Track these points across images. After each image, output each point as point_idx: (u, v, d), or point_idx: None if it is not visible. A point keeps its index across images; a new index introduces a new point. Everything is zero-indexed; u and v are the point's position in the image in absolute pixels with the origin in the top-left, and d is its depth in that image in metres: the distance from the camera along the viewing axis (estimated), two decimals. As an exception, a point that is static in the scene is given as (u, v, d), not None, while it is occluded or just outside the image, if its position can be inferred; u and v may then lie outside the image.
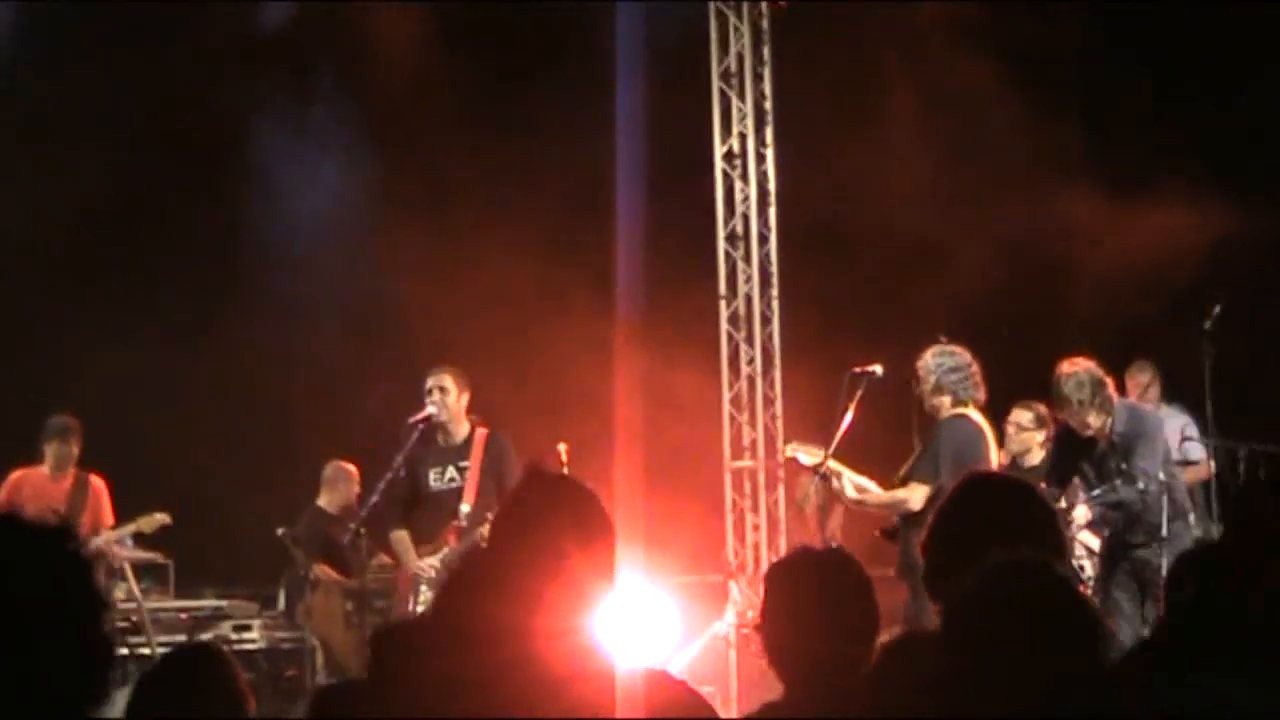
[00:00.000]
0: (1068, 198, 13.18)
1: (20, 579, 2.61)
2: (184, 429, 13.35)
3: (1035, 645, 3.20)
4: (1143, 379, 12.38)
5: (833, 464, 9.89)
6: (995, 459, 9.94)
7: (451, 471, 10.52)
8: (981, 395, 9.88)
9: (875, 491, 9.93)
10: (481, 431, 10.63)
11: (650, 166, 12.76)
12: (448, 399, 10.57)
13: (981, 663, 3.20)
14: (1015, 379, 10.67)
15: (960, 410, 9.78)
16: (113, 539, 11.95)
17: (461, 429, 10.63)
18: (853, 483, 9.91)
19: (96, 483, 12.09)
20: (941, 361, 9.83)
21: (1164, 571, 8.79)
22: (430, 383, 10.63)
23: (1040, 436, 11.09)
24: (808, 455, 10.03)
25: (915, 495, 9.62)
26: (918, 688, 3.49)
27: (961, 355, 9.86)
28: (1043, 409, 10.90)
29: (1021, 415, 11.20)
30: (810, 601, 4.30)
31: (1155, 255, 12.23)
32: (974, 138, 12.84)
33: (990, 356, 10.09)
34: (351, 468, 12.81)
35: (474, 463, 10.47)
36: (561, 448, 10.53)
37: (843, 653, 4.21)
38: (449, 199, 13.40)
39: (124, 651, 11.69)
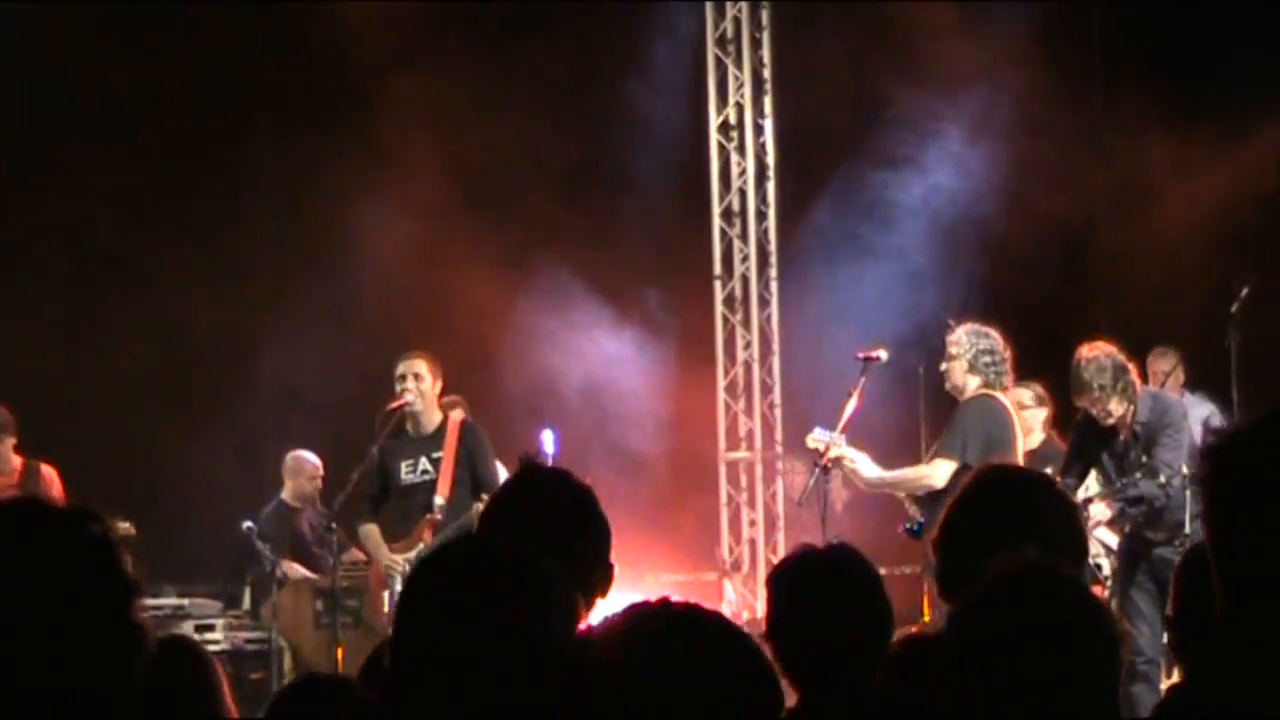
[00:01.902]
0: (1087, 170, 13.02)
1: (46, 566, 2.55)
2: (141, 414, 13.02)
3: (1043, 657, 3.00)
4: (1164, 365, 12.00)
5: (846, 448, 9.69)
6: (1021, 445, 9.75)
7: (424, 463, 10.30)
8: (1009, 383, 9.77)
9: (887, 472, 9.79)
10: (455, 420, 10.39)
11: (640, 138, 12.61)
12: (422, 386, 10.31)
13: (986, 675, 3.01)
14: (1029, 362, 10.41)
15: (988, 391, 9.64)
16: None
17: (434, 418, 10.38)
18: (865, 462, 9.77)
19: (48, 472, 11.78)
20: (976, 342, 9.67)
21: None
22: (402, 369, 10.35)
23: (1042, 415, 10.91)
24: (823, 443, 9.79)
25: (937, 471, 9.41)
26: (928, 693, 3.30)
27: (996, 339, 9.70)
28: (1040, 388, 10.80)
29: (1021, 394, 10.90)
30: (818, 605, 4.21)
31: (1177, 235, 11.96)
32: (987, 105, 12.51)
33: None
34: (312, 457, 12.54)
35: (448, 453, 10.23)
36: (545, 435, 10.39)
37: (857, 656, 4.14)
38: (419, 174, 12.95)
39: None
